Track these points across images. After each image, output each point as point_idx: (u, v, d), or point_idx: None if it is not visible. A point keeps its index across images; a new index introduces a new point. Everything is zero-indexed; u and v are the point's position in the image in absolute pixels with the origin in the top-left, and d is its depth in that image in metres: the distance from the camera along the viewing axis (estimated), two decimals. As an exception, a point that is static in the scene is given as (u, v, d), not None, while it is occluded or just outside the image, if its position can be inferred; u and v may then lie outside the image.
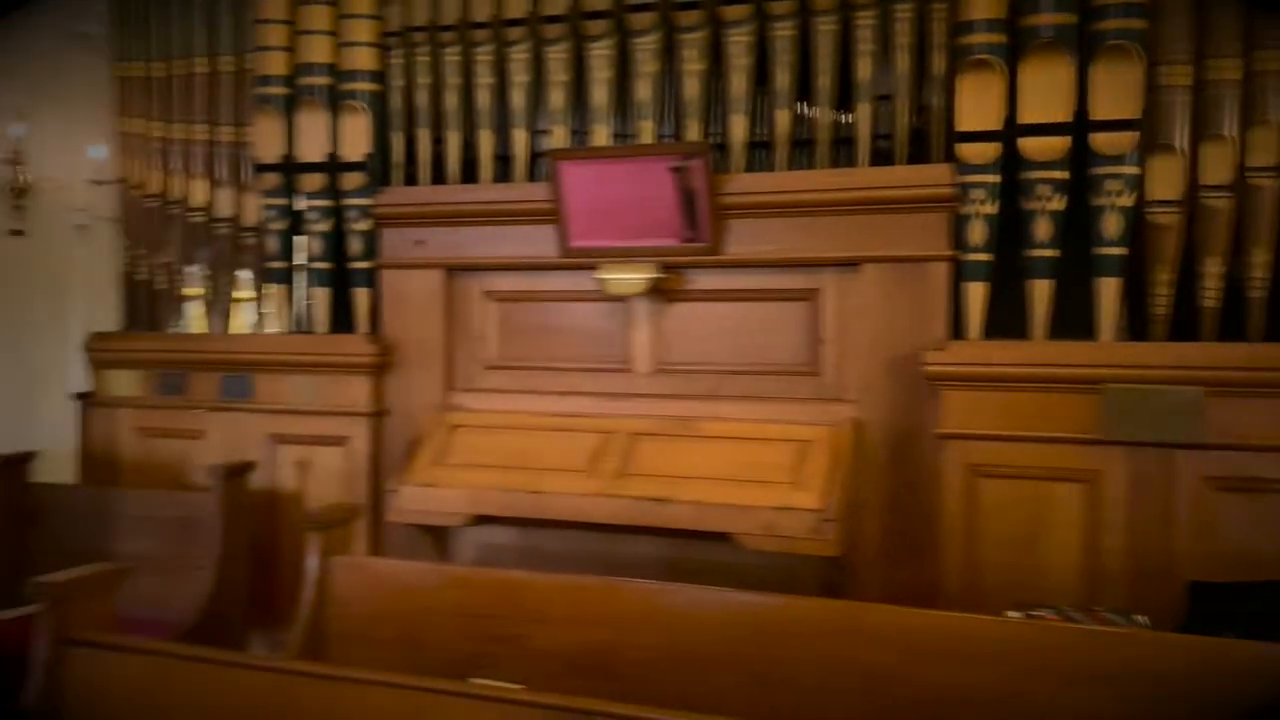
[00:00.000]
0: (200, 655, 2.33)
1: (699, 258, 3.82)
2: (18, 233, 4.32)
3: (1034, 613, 2.94)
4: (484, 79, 4.13)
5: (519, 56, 4.08)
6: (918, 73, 3.64)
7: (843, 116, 3.79)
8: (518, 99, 4.08)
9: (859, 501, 3.59)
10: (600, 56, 3.96)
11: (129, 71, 4.68)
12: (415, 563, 3.21)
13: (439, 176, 4.24)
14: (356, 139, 4.30)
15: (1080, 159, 3.39)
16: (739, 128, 3.80)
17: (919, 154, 3.66)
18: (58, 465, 4.51)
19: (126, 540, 4.23)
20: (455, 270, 4.24)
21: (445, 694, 2.06)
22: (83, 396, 4.66)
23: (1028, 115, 3.43)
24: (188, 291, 4.71)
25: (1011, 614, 2.87)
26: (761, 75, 3.80)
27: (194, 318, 4.73)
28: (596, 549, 3.87)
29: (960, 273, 3.56)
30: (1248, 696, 2.21)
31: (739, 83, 3.79)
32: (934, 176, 3.57)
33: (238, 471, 4.06)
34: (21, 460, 4.32)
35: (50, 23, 4.47)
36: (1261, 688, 2.20)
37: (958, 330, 3.57)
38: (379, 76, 4.31)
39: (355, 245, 4.31)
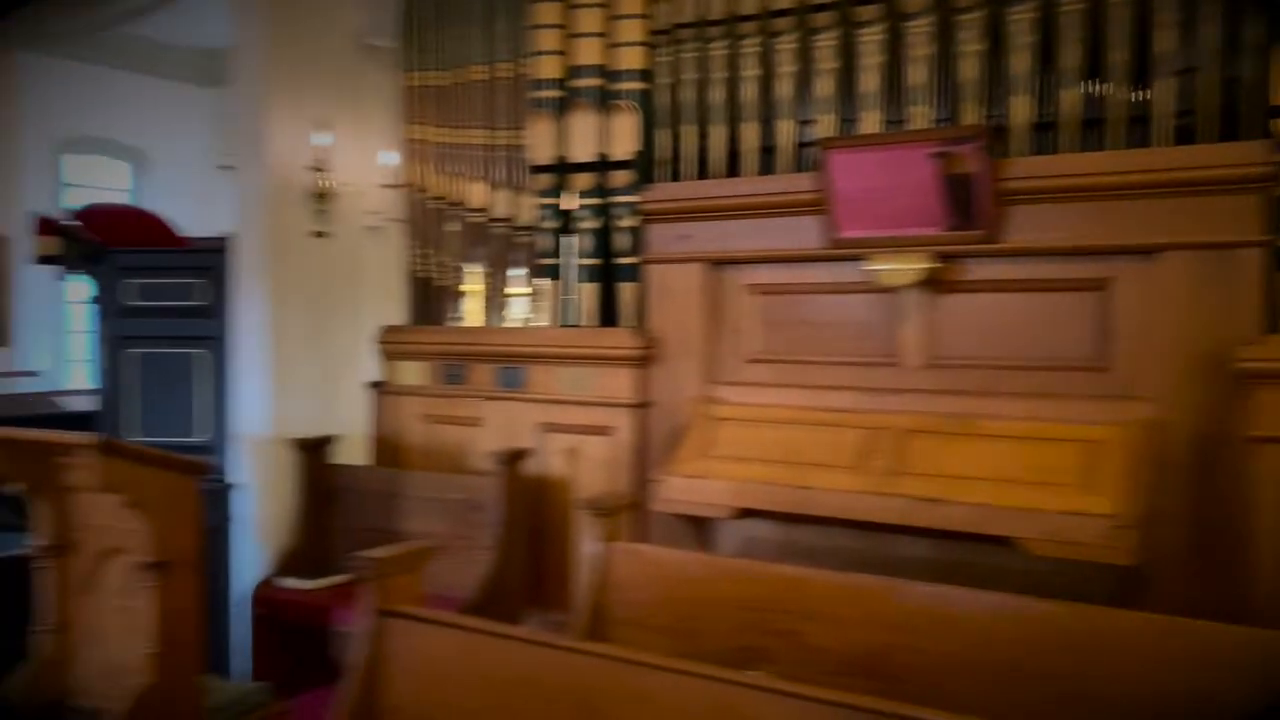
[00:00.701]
0: (505, 632, 2.46)
1: (976, 246, 3.66)
2: (320, 234, 4.71)
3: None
4: (750, 71, 4.13)
5: (786, 46, 4.05)
6: (1228, 43, 3.32)
7: (1137, 94, 3.52)
8: (784, 89, 4.06)
9: (1156, 508, 3.32)
10: (871, 42, 3.86)
11: (415, 81, 5.02)
12: (691, 552, 3.26)
13: (703, 171, 4.28)
14: (625, 137, 4.42)
15: None
16: (1022, 109, 3.60)
17: (1228, 131, 3.35)
18: (353, 448, 4.90)
19: (413, 519, 4.55)
20: (718, 264, 4.27)
21: (739, 685, 2.07)
22: (375, 385, 5.04)
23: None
24: (466, 287, 5.00)
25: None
26: (1045, 54, 3.59)
27: (471, 312, 5.01)
28: (859, 546, 3.80)
29: (1278, 259, 3.23)
30: None
31: (1022, 62, 3.59)
32: (1247, 155, 3.24)
33: (516, 457, 4.26)
34: (323, 443, 4.73)
35: (348, 37, 4.83)
36: None
37: (1274, 323, 3.24)
38: (647, 75, 4.40)
39: (622, 241, 4.43)
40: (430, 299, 5.10)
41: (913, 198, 3.66)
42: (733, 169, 4.22)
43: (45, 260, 4.97)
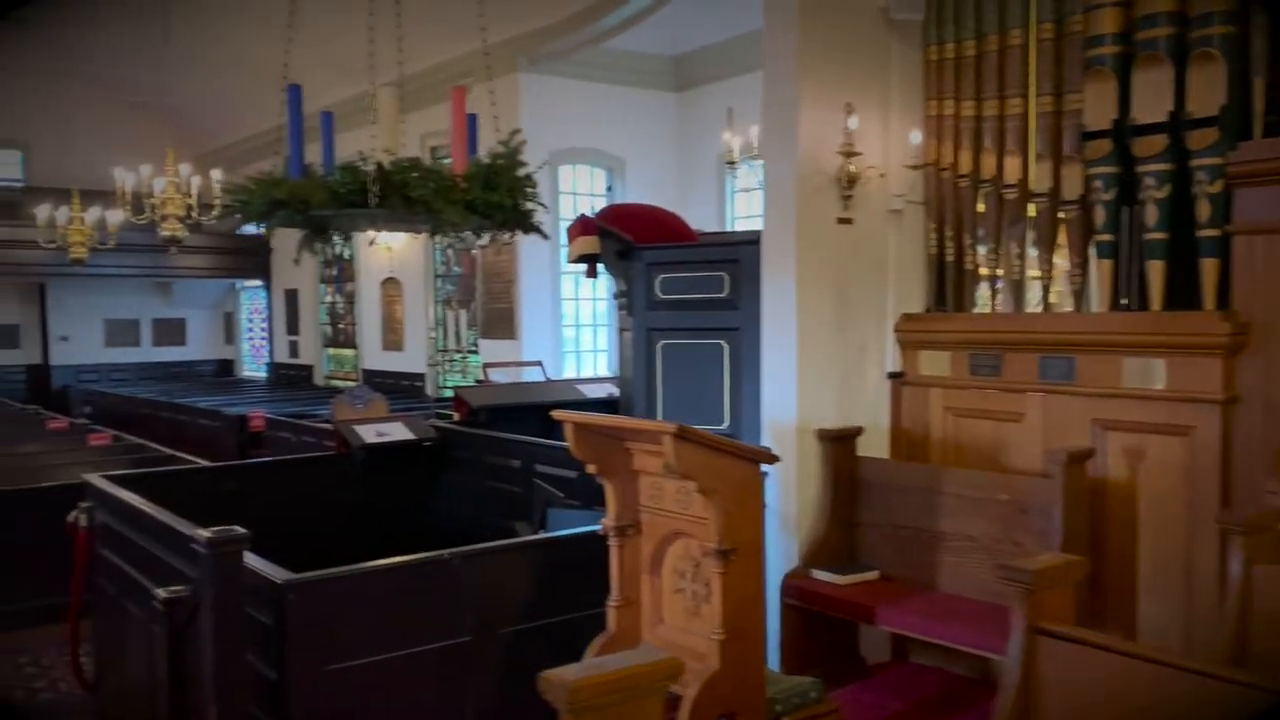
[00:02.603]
0: (1173, 662, 2.10)
1: None
2: (846, 221, 4.58)
3: None
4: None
5: None
6: None
7: None
8: None
9: None
10: None
11: (943, 53, 4.73)
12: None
13: (1315, 122, 3.57)
14: (1207, 91, 3.81)
15: None
16: None
17: None
18: (872, 441, 4.73)
19: (949, 519, 4.28)
20: (1338, 232, 3.54)
21: None
22: (895, 376, 4.84)
23: None
24: (994, 270, 4.64)
25: None
26: None
27: (1001, 296, 4.64)
28: None
29: None
30: None
31: None
32: None
33: (1079, 458, 3.84)
34: (850, 435, 4.61)
35: (874, 14, 4.66)
36: None
37: None
38: (1235, 16, 3.76)
39: (1204, 210, 3.83)
40: (954, 284, 4.79)
41: None
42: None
43: (582, 260, 5.31)
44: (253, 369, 21.22)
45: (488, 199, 3.08)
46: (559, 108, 12.28)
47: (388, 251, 14.72)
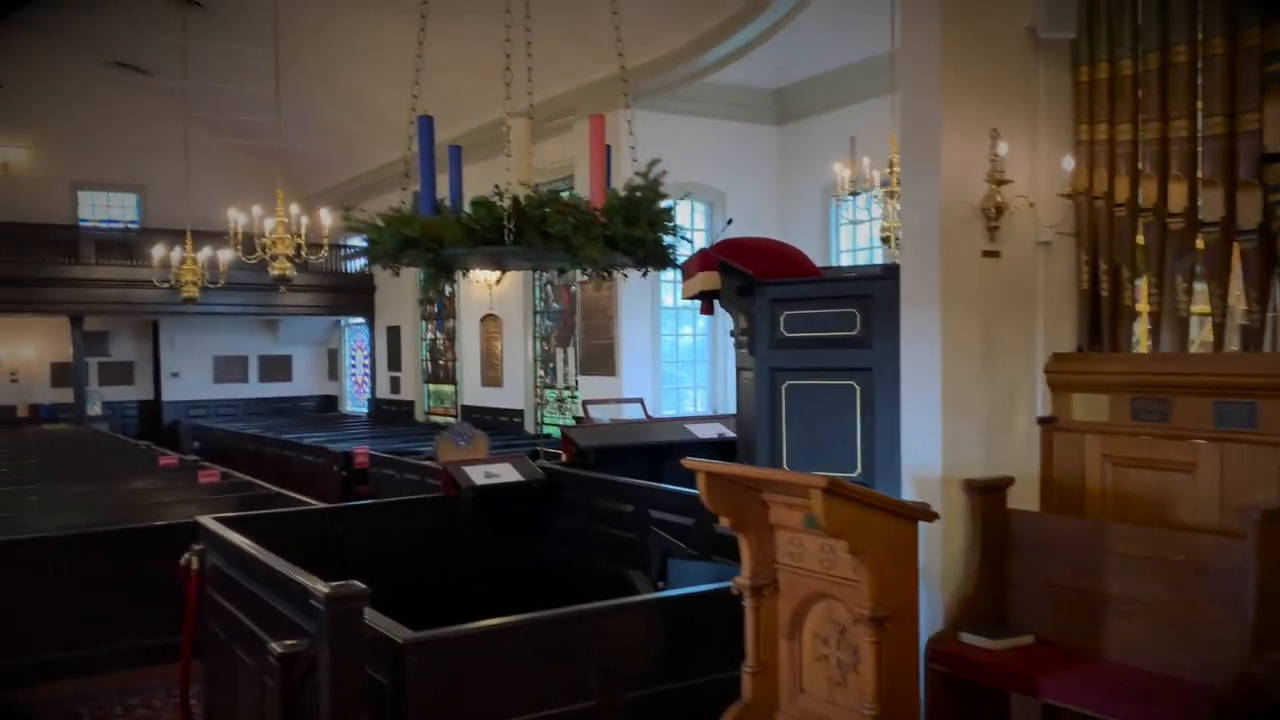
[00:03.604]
0: None
1: None
2: (992, 254, 4.26)
3: None
4: None
5: None
6: None
7: None
8: None
9: None
10: None
11: (1096, 73, 4.40)
12: None
13: None
14: None
15: None
16: None
17: None
18: (1020, 491, 4.36)
19: (1114, 580, 3.88)
20: None
21: None
22: (1045, 421, 4.47)
23: None
24: (1156, 306, 4.26)
25: None
26: None
27: (1163, 334, 4.25)
28: None
29: None
30: None
31: None
32: None
33: (1274, 517, 3.43)
34: (1002, 486, 4.25)
35: (1019, 34, 4.35)
36: None
37: None
38: None
39: None
40: (1109, 321, 4.42)
41: None
42: None
43: (701, 295, 5.08)
44: (355, 405, 21.53)
45: (629, 234, 2.87)
46: (661, 142, 12.14)
47: (488, 288, 14.76)
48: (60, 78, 17.48)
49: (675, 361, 13.33)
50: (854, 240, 12.50)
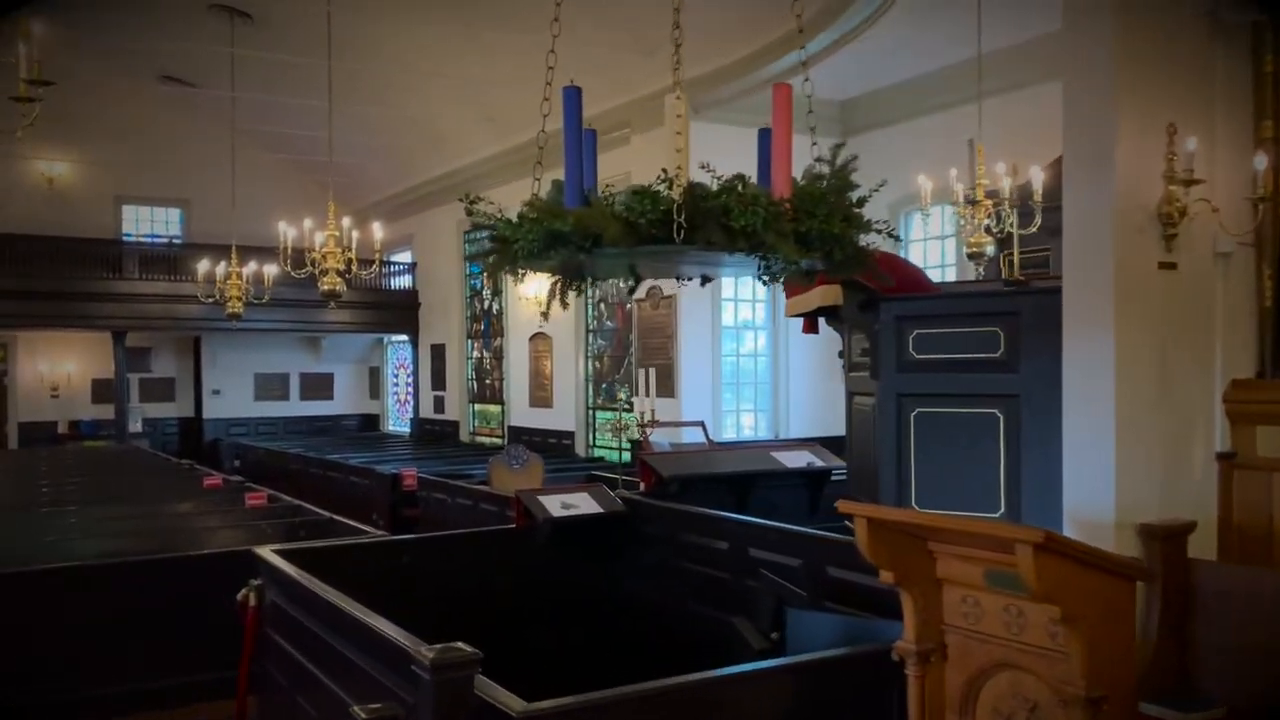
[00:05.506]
0: None
1: None
2: (1169, 266, 3.73)
3: None
4: None
5: None
6: None
7: None
8: None
9: None
10: None
11: (1278, 63, 3.87)
12: None
13: None
14: None
15: None
16: None
17: None
18: (1197, 536, 3.81)
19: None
20: None
21: None
22: (1225, 456, 3.92)
23: None
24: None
25: None
26: None
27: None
28: None
29: None
30: None
31: None
32: None
33: None
34: (1183, 532, 3.70)
35: (1197, 17, 3.83)
36: None
37: None
38: None
39: None
40: (1300, 345, 3.88)
41: None
42: None
43: (820, 312, 4.57)
44: (396, 424, 21.15)
45: (825, 229, 2.38)
46: (724, 154, 11.68)
47: (538, 304, 14.31)
48: (106, 91, 17.28)
49: (734, 384, 12.80)
50: (924, 258, 11.93)
